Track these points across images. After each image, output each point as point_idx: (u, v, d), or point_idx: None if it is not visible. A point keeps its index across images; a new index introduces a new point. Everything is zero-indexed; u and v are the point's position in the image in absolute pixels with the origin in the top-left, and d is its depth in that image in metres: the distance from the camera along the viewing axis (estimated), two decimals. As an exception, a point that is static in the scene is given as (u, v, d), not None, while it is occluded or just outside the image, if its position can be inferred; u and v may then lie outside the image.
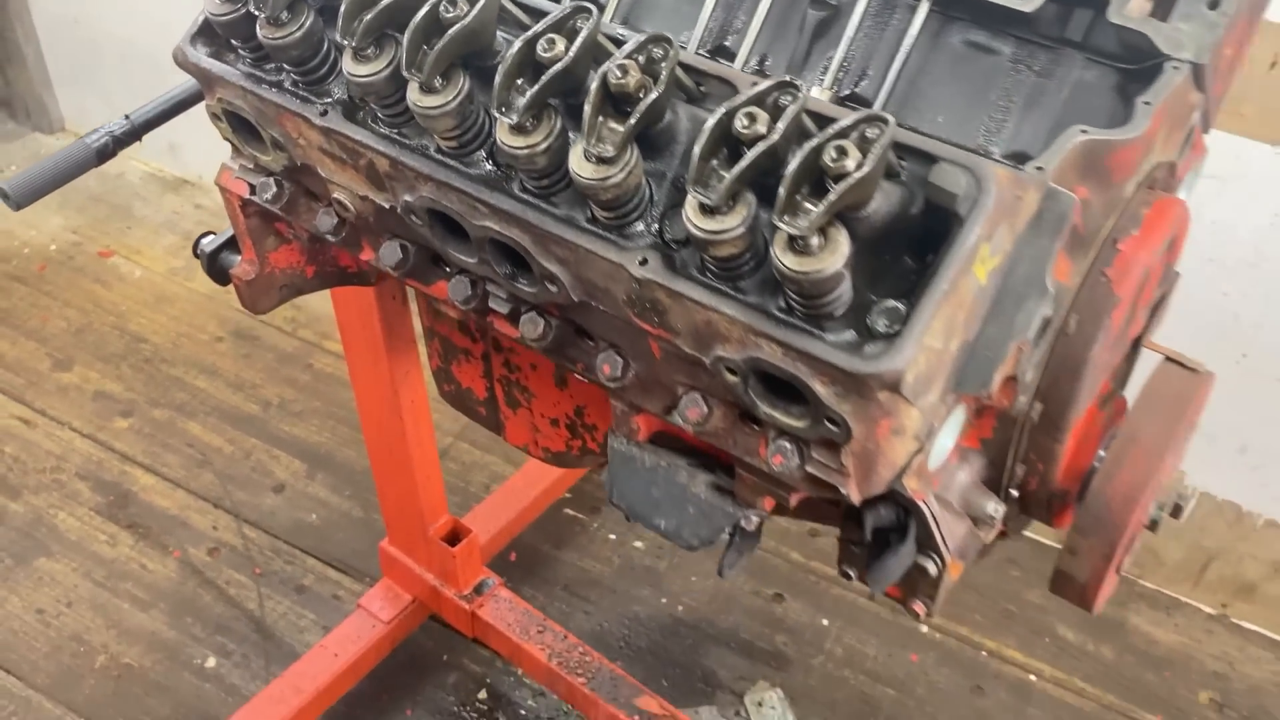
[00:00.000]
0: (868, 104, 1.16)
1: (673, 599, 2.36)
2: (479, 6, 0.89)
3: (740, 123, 0.79)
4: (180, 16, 3.19)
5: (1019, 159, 1.10)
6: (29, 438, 2.61)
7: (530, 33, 0.86)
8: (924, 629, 2.34)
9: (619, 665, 2.03)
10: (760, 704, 2.16)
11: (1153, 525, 1.13)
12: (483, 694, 2.19)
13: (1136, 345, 1.15)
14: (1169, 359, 1.10)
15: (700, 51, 1.24)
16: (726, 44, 1.26)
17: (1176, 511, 1.14)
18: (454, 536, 2.04)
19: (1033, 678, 2.27)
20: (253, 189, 1.19)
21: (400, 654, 2.20)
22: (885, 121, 0.77)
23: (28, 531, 2.42)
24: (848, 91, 1.20)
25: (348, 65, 0.94)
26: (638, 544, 2.46)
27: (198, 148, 3.33)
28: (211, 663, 2.21)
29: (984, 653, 2.31)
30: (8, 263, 3.09)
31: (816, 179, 0.77)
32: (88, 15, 3.28)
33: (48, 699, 2.13)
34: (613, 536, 2.48)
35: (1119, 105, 1.05)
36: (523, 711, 2.16)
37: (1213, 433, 2.17)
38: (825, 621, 2.35)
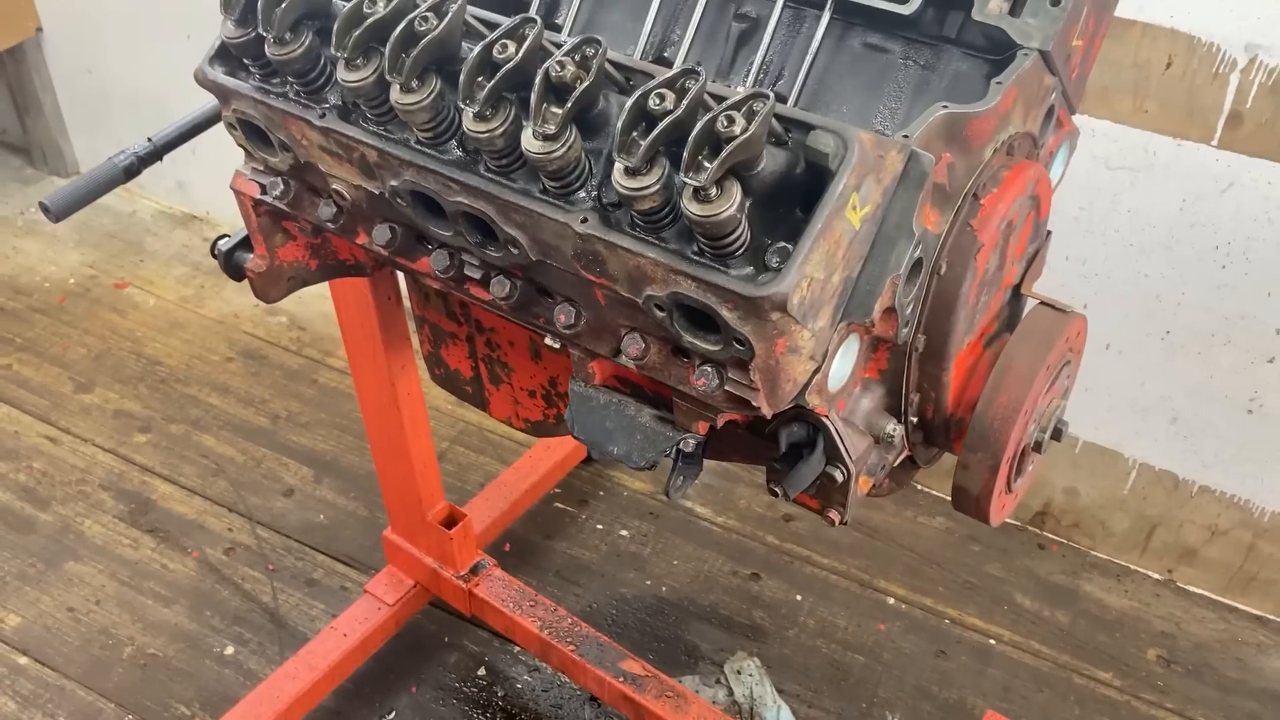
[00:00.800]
0: (783, 99, 1.37)
1: (656, 581, 2.54)
2: (446, 19, 1.09)
3: (653, 101, 0.99)
4: (182, 65, 3.44)
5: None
6: (55, 454, 2.81)
7: (487, 39, 1.07)
8: (890, 601, 2.52)
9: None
10: (739, 672, 2.34)
11: (1037, 446, 1.32)
12: (481, 671, 2.36)
13: (1018, 294, 1.34)
14: (1043, 303, 1.29)
15: (643, 61, 1.45)
16: (666, 55, 1.47)
17: (1057, 435, 1.33)
18: (450, 520, 2.23)
19: (992, 642, 2.44)
20: (263, 189, 1.39)
21: (404, 636, 2.38)
22: (767, 97, 0.98)
23: (57, 538, 2.60)
24: (768, 90, 1.41)
25: (341, 73, 1.14)
26: (623, 532, 2.65)
27: (204, 186, 3.55)
28: (230, 650, 2.38)
29: (947, 621, 2.48)
30: (30, 296, 3.30)
31: (714, 143, 0.97)
32: (100, 66, 3.51)
33: (80, 687, 2.31)
34: (600, 526, 2.66)
35: (988, 89, 1.26)
36: (519, 685, 2.34)
37: (1146, 406, 2.37)
38: (799, 597, 2.52)
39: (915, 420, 1.27)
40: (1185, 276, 2.20)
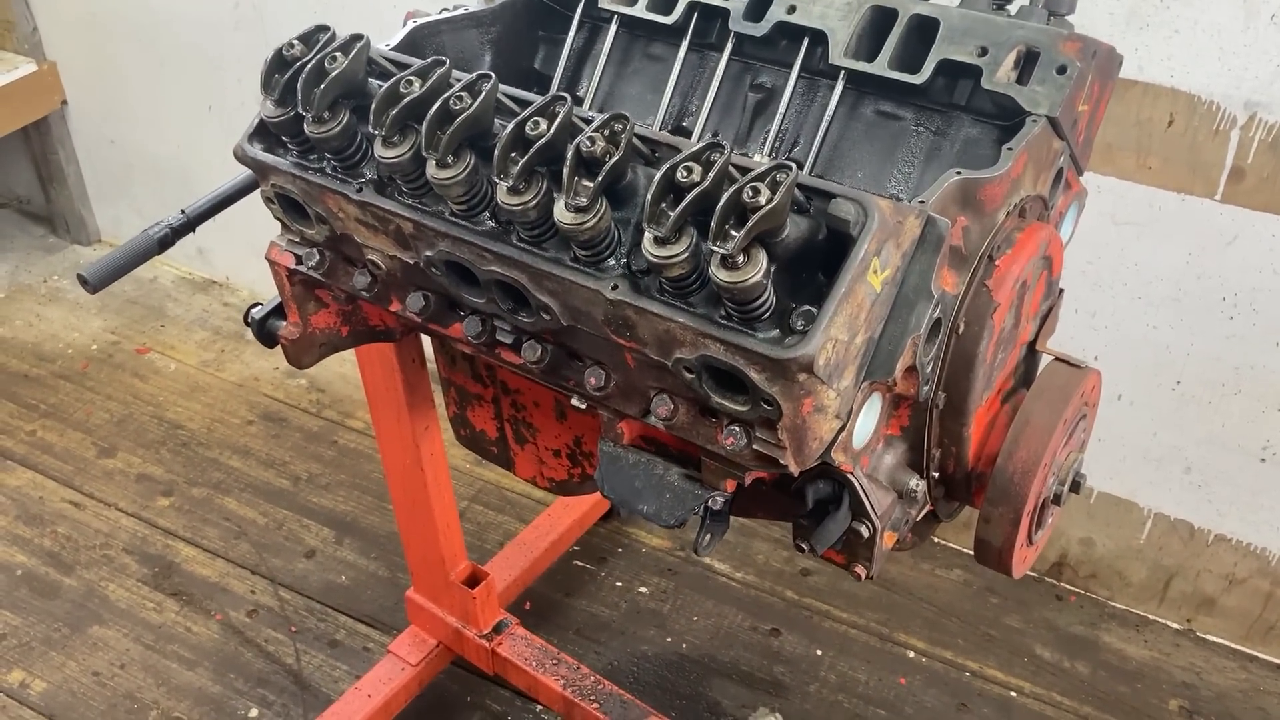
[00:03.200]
0: (800, 166, 1.42)
1: (677, 637, 2.56)
2: (480, 99, 1.15)
3: (680, 174, 1.04)
4: (204, 135, 3.51)
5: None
6: (79, 519, 2.84)
7: (520, 116, 1.12)
8: (910, 654, 2.52)
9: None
10: (761, 727, 2.34)
11: (1057, 499, 1.35)
12: (504, 730, 2.37)
13: (1032, 351, 1.38)
14: (1057, 359, 1.33)
15: (662, 131, 1.51)
16: (684, 124, 1.53)
17: (1075, 487, 1.36)
18: (473, 579, 2.25)
19: (1014, 694, 2.45)
20: (298, 259, 1.44)
21: (427, 696, 2.39)
22: (790, 168, 1.02)
23: (81, 603, 2.62)
24: (784, 157, 1.46)
25: (378, 150, 1.19)
26: (643, 589, 2.66)
27: (224, 252, 3.62)
28: (254, 713, 2.39)
29: (967, 674, 2.49)
30: (54, 363, 3.35)
31: (740, 213, 1.02)
32: (123, 137, 3.59)
33: (105, 752, 2.32)
34: (619, 583, 2.68)
35: (998, 154, 1.31)
36: (542, 744, 2.35)
37: (1159, 456, 2.40)
38: (819, 652, 2.53)
39: (937, 475, 1.30)
40: (1194, 327, 2.23)
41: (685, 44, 1.49)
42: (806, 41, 1.41)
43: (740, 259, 1.01)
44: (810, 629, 2.58)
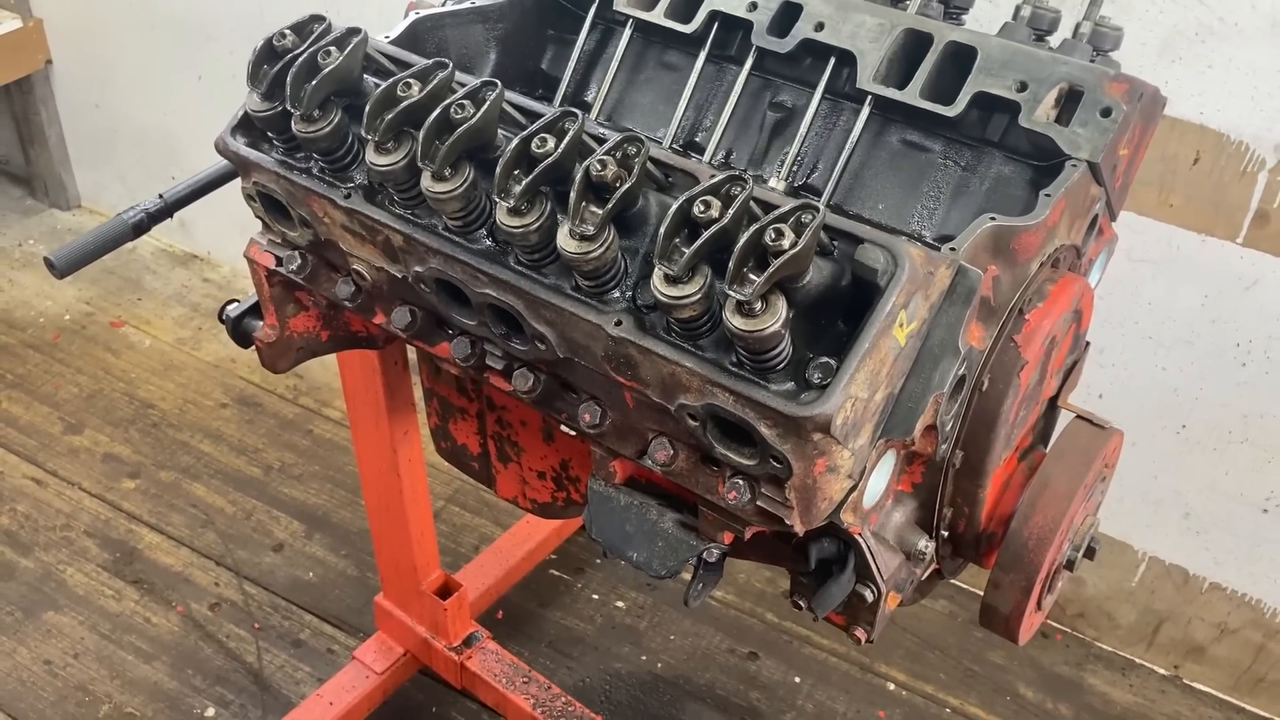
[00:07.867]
0: (818, 193, 1.34)
1: (652, 656, 2.48)
2: (483, 109, 1.06)
3: (698, 208, 0.95)
4: (193, 106, 3.38)
5: (946, 241, 1.27)
6: (40, 497, 2.74)
7: (526, 131, 1.03)
8: (890, 687, 2.46)
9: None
10: (734, 756, 2.27)
11: (1069, 565, 1.27)
12: (469, 745, 2.29)
13: (1053, 405, 1.30)
14: (1079, 416, 1.25)
15: (674, 146, 1.42)
16: (697, 139, 1.44)
17: (1090, 553, 1.28)
18: (445, 590, 2.16)
19: (994, 734, 2.39)
20: (279, 261, 1.35)
21: (392, 704, 2.31)
22: (817, 209, 0.94)
23: (37, 586, 2.53)
24: (801, 182, 1.37)
25: (370, 156, 1.10)
26: (619, 604, 2.58)
27: (207, 225, 3.51)
28: (211, 712, 2.31)
29: (948, 710, 2.42)
30: (24, 331, 3.24)
31: (760, 255, 0.93)
32: (108, 101, 3.47)
33: (53, 746, 2.23)
34: (596, 596, 2.60)
35: (1031, 196, 1.23)
36: (507, 761, 2.26)
37: (1158, 499, 2.33)
38: (797, 679, 2.46)
39: (946, 534, 1.22)
40: (1204, 372, 2.16)
41: (703, 55, 1.40)
42: (833, 61, 1.32)
43: (758, 306, 0.92)
44: (789, 654, 2.51)
